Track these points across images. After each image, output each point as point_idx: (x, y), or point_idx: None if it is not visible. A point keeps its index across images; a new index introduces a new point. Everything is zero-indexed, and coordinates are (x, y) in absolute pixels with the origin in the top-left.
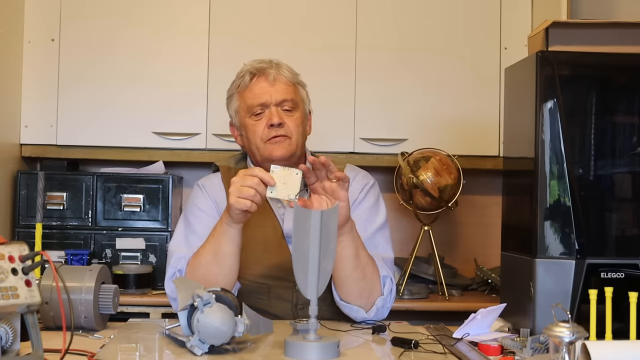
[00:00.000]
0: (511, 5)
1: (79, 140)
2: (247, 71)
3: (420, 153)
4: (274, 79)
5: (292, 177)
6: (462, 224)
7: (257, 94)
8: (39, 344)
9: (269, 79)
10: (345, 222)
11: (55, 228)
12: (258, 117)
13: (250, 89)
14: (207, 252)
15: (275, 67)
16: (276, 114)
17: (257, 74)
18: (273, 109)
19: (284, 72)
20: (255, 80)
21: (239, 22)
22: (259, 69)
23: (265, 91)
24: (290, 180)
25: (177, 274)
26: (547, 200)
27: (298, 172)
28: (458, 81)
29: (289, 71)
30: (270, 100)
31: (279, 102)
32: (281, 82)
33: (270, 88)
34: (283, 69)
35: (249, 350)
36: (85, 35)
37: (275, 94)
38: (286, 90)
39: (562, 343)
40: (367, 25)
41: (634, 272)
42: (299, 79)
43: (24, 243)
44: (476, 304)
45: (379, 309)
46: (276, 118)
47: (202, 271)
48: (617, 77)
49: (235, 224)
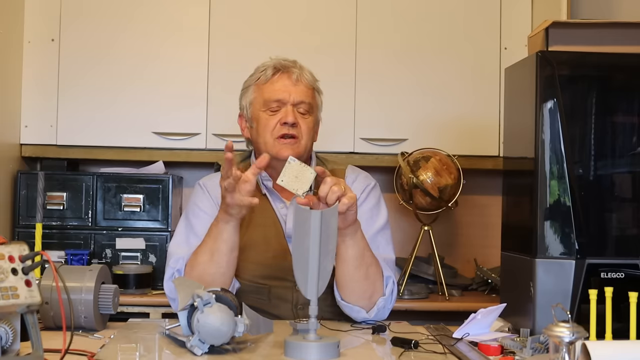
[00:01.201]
0: (511, 5)
1: (79, 140)
2: (271, 66)
3: (420, 153)
4: (297, 79)
5: (306, 175)
6: (462, 224)
7: (277, 89)
8: (39, 344)
9: (292, 78)
10: (350, 225)
11: (55, 228)
12: (273, 113)
13: (271, 83)
14: (204, 251)
15: (299, 68)
16: (292, 113)
17: (281, 70)
18: (290, 108)
19: (307, 74)
20: (278, 76)
21: (239, 22)
22: (284, 66)
23: (286, 89)
24: (302, 177)
25: (175, 274)
26: (547, 200)
27: (312, 172)
28: (458, 81)
29: (311, 75)
30: (288, 98)
31: (297, 103)
32: (303, 83)
33: (291, 87)
34: (306, 71)
35: (249, 350)
36: (85, 35)
37: (295, 94)
38: (306, 93)
39: (562, 343)
40: (367, 25)
41: (634, 272)
42: (318, 85)
43: (24, 243)
44: (476, 304)
45: (379, 310)
46: (291, 117)
47: (199, 270)
48: (617, 77)
49: (231, 222)
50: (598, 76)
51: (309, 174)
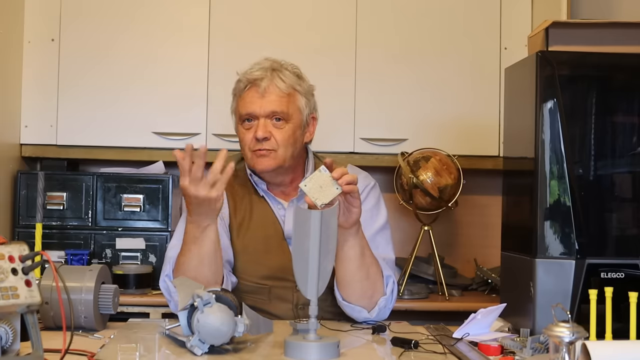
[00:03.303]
0: (511, 5)
1: (79, 140)
2: (245, 79)
3: (420, 153)
4: (265, 90)
5: (331, 189)
6: (462, 224)
7: (247, 103)
8: (39, 344)
9: (259, 91)
10: (353, 225)
11: (55, 228)
12: (248, 126)
13: (242, 98)
14: (192, 256)
15: (271, 75)
16: (262, 128)
17: (250, 83)
18: (261, 121)
19: (279, 82)
20: (248, 89)
21: (239, 22)
22: (251, 80)
23: (254, 102)
24: (327, 189)
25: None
26: (547, 200)
27: (339, 188)
28: (458, 81)
29: (288, 79)
30: (259, 111)
31: (268, 115)
32: (273, 93)
33: (259, 100)
34: (278, 78)
35: (249, 350)
36: (85, 35)
37: (265, 106)
38: (277, 102)
39: (562, 343)
40: (367, 26)
41: (634, 272)
42: (299, 86)
43: (24, 243)
44: (476, 304)
45: (381, 309)
46: (261, 132)
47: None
48: (617, 77)
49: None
50: (598, 76)
51: (335, 190)
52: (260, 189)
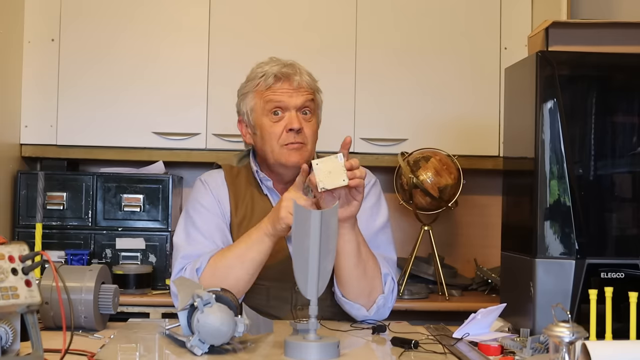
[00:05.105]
0: (511, 5)
1: (79, 140)
2: (272, 74)
3: (420, 153)
4: (298, 84)
5: (336, 164)
6: (462, 224)
7: (279, 95)
8: (39, 344)
9: (293, 85)
10: (349, 218)
11: (55, 228)
12: (277, 119)
13: (272, 90)
14: (235, 255)
15: (299, 73)
16: (297, 119)
17: (282, 78)
18: (294, 113)
19: (306, 77)
20: (280, 82)
21: (239, 22)
22: (285, 74)
23: (288, 94)
24: (334, 168)
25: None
26: (547, 200)
27: (338, 156)
28: (458, 81)
29: (309, 76)
30: (292, 103)
31: (300, 107)
32: (304, 86)
33: (293, 92)
34: (304, 74)
35: (249, 350)
36: (85, 35)
37: (298, 98)
38: (307, 96)
39: (562, 343)
40: (367, 26)
41: (634, 272)
42: (317, 84)
43: (24, 243)
44: (476, 304)
45: (379, 308)
46: (296, 123)
47: (224, 272)
48: (617, 77)
49: (275, 237)
50: (598, 76)
51: (341, 181)
52: (266, 186)
